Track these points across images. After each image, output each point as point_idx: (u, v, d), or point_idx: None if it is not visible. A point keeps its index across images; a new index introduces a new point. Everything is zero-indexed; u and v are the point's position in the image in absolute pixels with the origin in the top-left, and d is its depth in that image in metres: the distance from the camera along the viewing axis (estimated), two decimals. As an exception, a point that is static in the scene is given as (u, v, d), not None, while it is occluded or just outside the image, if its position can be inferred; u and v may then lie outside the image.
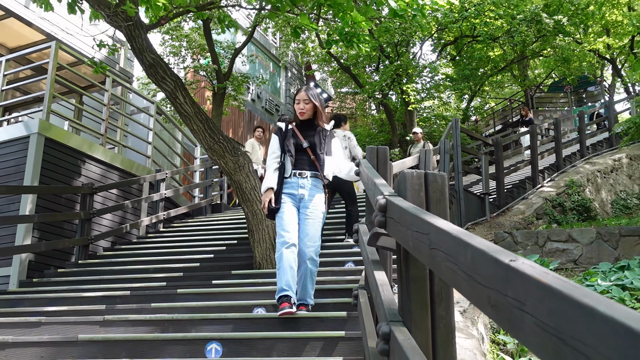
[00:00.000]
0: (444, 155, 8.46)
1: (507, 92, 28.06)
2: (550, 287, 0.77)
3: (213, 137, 6.38)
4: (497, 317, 0.94)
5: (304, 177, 4.38)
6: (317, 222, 4.32)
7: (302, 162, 4.43)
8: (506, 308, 0.89)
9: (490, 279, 0.96)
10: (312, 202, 4.35)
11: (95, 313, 4.85)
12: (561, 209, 10.37)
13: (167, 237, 8.94)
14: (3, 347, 4.12)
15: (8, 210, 7.60)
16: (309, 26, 5.92)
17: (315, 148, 4.45)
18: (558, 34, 16.63)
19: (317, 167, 4.43)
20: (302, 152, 4.45)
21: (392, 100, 18.11)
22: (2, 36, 11.30)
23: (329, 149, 4.55)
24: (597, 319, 0.66)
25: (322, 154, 4.45)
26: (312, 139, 4.49)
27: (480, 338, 4.55)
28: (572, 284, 0.76)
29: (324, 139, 4.51)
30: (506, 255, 0.93)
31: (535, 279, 0.81)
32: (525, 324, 0.83)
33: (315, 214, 4.33)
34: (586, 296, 0.71)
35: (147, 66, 6.46)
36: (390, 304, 1.99)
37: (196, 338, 3.96)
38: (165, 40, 15.48)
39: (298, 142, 4.47)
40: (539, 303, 0.80)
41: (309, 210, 4.33)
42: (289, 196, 4.35)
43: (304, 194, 4.35)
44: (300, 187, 4.36)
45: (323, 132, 4.55)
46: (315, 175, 4.43)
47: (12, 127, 8.32)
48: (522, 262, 0.89)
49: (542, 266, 0.85)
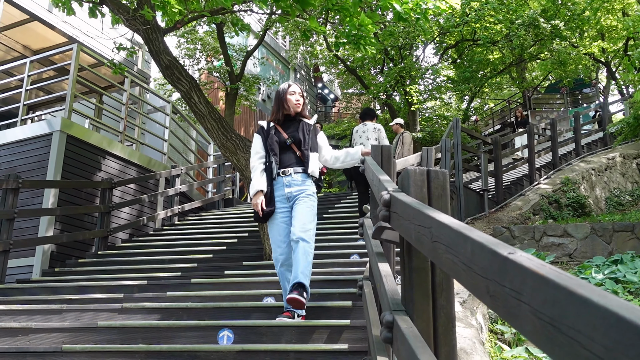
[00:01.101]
0: (445, 154, 8.45)
1: (505, 94, 27.94)
2: (545, 278, 0.77)
3: (226, 135, 6.39)
4: (495, 306, 0.94)
5: (288, 175, 4.06)
6: (307, 207, 3.96)
7: (288, 160, 4.11)
8: (503, 297, 0.89)
9: (488, 270, 0.96)
10: (301, 192, 4.02)
11: (114, 301, 4.87)
12: (557, 205, 10.33)
13: (182, 230, 8.97)
14: (27, 333, 4.15)
15: (32, 204, 7.64)
16: (318, 29, 5.91)
17: (300, 144, 4.12)
18: (555, 38, 16.53)
19: (303, 162, 4.11)
20: (286, 149, 4.13)
21: (395, 101, 18.08)
22: (27, 39, 11.35)
23: (314, 143, 4.20)
24: (591, 308, 0.66)
25: (306, 150, 4.11)
26: (295, 134, 4.15)
27: (479, 327, 4.55)
28: (567, 275, 0.76)
29: (307, 134, 4.17)
30: (504, 247, 0.93)
31: (531, 270, 0.81)
32: (521, 313, 0.83)
33: (304, 200, 3.99)
34: (581, 286, 0.71)
35: (164, 67, 6.47)
36: (394, 294, 1.99)
37: (209, 325, 3.97)
38: (181, 43, 15.50)
39: (281, 140, 4.14)
40: (534, 293, 0.79)
41: (298, 199, 4.01)
42: (279, 200, 4.04)
43: (291, 192, 4.03)
44: (287, 186, 4.04)
45: (306, 127, 4.21)
46: (302, 171, 4.09)
47: (36, 125, 8.36)
48: (520, 254, 0.89)
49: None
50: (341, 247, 6.34)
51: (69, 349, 3.73)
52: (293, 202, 4.01)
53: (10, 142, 8.21)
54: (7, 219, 6.31)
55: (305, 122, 4.21)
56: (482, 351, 3.95)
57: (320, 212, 8.25)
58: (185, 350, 3.59)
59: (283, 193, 4.03)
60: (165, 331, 3.99)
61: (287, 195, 4.02)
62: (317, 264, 5.36)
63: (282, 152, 4.10)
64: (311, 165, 4.10)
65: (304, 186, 4.04)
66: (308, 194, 4.02)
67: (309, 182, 4.08)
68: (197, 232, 8.59)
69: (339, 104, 27.10)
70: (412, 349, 1.42)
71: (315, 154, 4.16)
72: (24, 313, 4.68)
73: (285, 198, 4.03)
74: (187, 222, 9.67)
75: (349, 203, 9.20)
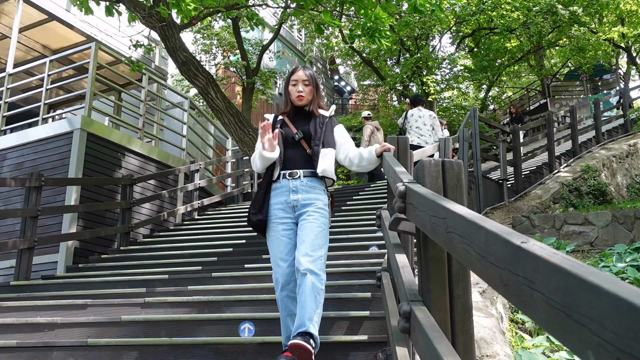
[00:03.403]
0: (462, 144, 8.39)
1: (524, 82, 27.67)
2: (557, 266, 0.77)
3: (243, 129, 6.43)
4: (509, 295, 0.95)
5: (295, 178, 3.27)
6: (316, 227, 3.14)
7: (294, 160, 3.34)
8: (517, 286, 0.90)
9: (502, 259, 0.96)
10: (310, 206, 3.22)
11: (137, 295, 4.93)
12: (577, 193, 10.22)
13: (202, 224, 9.03)
14: (53, 328, 4.23)
15: (55, 201, 7.75)
16: (332, 23, 5.91)
17: (310, 139, 3.36)
18: (573, 24, 16.32)
19: (313, 162, 3.33)
20: (294, 146, 3.37)
21: (412, 92, 17.99)
22: (46, 38, 11.48)
23: (328, 138, 3.41)
24: (602, 296, 0.66)
25: (316, 147, 3.33)
26: (305, 128, 3.39)
27: (499, 317, 4.53)
28: (578, 263, 0.76)
29: (321, 128, 3.39)
30: (517, 237, 0.94)
31: (544, 258, 0.82)
32: (534, 301, 0.84)
33: (314, 217, 3.17)
34: (592, 274, 0.71)
35: (180, 64, 6.52)
36: (411, 284, 2.00)
37: (230, 318, 4.01)
38: (197, 39, 15.59)
39: (289, 134, 3.39)
40: (547, 281, 0.80)
41: (306, 214, 3.19)
42: (279, 208, 3.25)
43: (297, 199, 3.23)
44: (293, 192, 3.24)
45: (320, 119, 3.44)
46: (312, 174, 3.30)
47: (57, 124, 8.46)
48: (533, 243, 0.89)
49: (553, 248, 0.85)
50: (360, 239, 6.34)
51: (94, 342, 3.80)
52: (299, 213, 3.22)
53: (32, 141, 8.33)
54: (31, 217, 6.42)
55: (321, 115, 3.46)
56: (502, 340, 3.94)
57: (339, 204, 8.31)
58: (207, 343, 3.63)
59: (287, 200, 3.25)
60: (187, 324, 4.04)
61: (293, 203, 3.24)
62: (336, 256, 5.38)
63: (288, 149, 3.37)
64: (321, 163, 3.29)
65: (313, 194, 3.26)
66: (319, 208, 3.23)
67: (320, 190, 3.31)
68: (217, 226, 8.65)
69: (356, 95, 27.04)
70: (429, 338, 1.43)
71: (329, 150, 3.37)
72: (50, 308, 4.76)
73: (289, 206, 3.25)
74: (206, 217, 9.73)
75: (368, 195, 9.19)
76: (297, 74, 3.44)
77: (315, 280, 2.97)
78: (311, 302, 2.93)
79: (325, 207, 3.28)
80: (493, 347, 3.78)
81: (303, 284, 2.96)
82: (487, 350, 3.74)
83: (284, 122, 3.45)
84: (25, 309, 4.83)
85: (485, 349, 3.74)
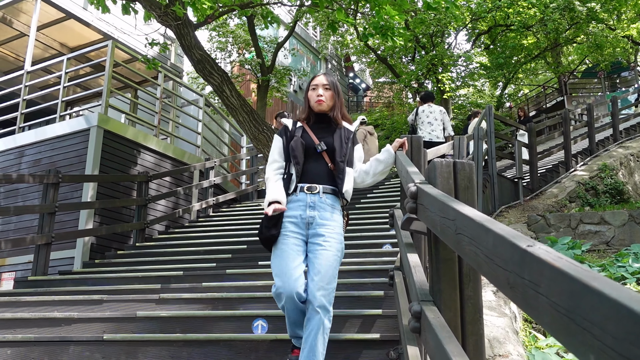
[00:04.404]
0: (477, 142, 8.35)
1: (541, 79, 27.45)
2: (562, 271, 0.79)
3: (258, 127, 6.46)
4: (515, 297, 0.96)
5: (315, 193, 3.04)
6: (332, 255, 2.93)
7: (314, 173, 3.09)
8: (523, 289, 0.91)
9: (508, 262, 0.98)
10: (326, 227, 2.99)
11: (152, 292, 4.98)
12: (594, 192, 10.13)
13: (217, 221, 9.08)
14: (69, 322, 4.30)
15: (72, 198, 7.84)
16: (345, 21, 5.92)
17: (334, 153, 3.11)
18: (591, 21, 16.16)
19: (335, 179, 3.09)
20: (314, 158, 3.12)
21: (428, 89, 17.94)
22: (64, 36, 11.61)
23: (351, 157, 3.21)
24: (604, 300, 0.68)
25: (342, 163, 3.10)
26: (329, 140, 3.14)
27: (512, 317, 4.52)
28: (583, 268, 0.78)
29: (346, 143, 3.15)
30: (524, 240, 0.95)
31: (548, 263, 0.83)
32: (539, 304, 0.85)
33: (331, 243, 2.95)
34: (595, 279, 0.72)
35: (196, 62, 6.57)
36: (422, 284, 2.02)
37: (244, 315, 4.05)
38: (213, 37, 15.67)
39: (310, 144, 3.13)
40: (551, 285, 0.81)
41: (322, 238, 2.96)
42: (292, 221, 3.01)
43: (314, 216, 3.00)
44: (310, 207, 3.01)
45: (345, 132, 3.20)
46: (332, 192, 3.08)
47: (74, 121, 8.56)
48: (538, 247, 0.90)
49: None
50: (373, 237, 6.34)
51: (110, 338, 3.86)
52: (313, 232, 3.00)
53: (50, 138, 8.44)
54: (49, 213, 6.51)
55: (345, 128, 3.23)
56: (515, 340, 3.93)
57: (352, 202, 8.32)
58: (221, 340, 3.67)
59: (302, 215, 3.01)
60: (201, 321, 4.08)
61: (309, 219, 3.00)
62: (350, 254, 5.39)
63: (308, 160, 3.11)
64: (346, 183, 3.11)
65: (332, 213, 3.05)
66: (336, 234, 3.02)
67: (338, 209, 3.10)
68: (232, 223, 8.70)
69: (370, 93, 27.00)
70: (438, 338, 1.45)
71: (350, 170, 3.19)
72: (67, 303, 4.84)
73: (304, 222, 3.01)
74: (221, 214, 9.79)
75: (382, 192, 9.19)
76: (318, 79, 3.26)
77: (326, 319, 2.84)
78: (320, 344, 2.81)
79: (341, 231, 3.08)
80: (506, 346, 3.77)
81: (313, 322, 2.81)
82: (500, 350, 3.74)
83: (304, 130, 3.20)
84: (42, 304, 4.91)
85: (498, 349, 3.74)
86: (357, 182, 3.27)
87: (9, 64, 12.31)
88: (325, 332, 2.84)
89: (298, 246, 2.95)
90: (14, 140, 8.80)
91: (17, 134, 8.93)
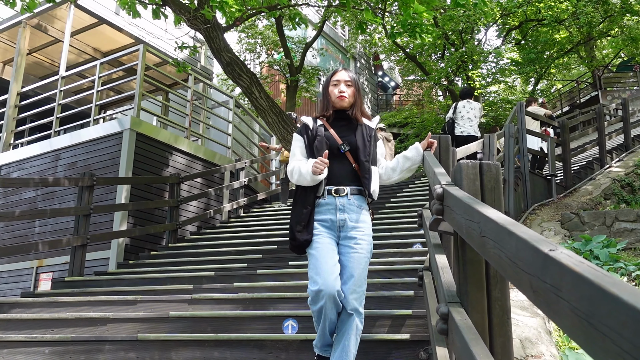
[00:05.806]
0: (508, 139, 8.25)
1: (574, 74, 26.93)
2: (582, 276, 0.79)
3: (286, 128, 6.50)
4: (537, 301, 0.97)
5: (343, 196, 2.99)
6: (364, 258, 2.94)
7: (340, 174, 3.03)
8: (545, 293, 0.92)
9: (531, 265, 0.99)
10: (357, 230, 2.97)
11: (184, 292, 5.06)
12: (630, 189, 9.91)
13: (247, 222, 9.16)
14: (104, 322, 4.40)
15: (106, 199, 8.01)
16: (373, 21, 5.91)
17: (358, 152, 3.05)
18: (625, 13, 15.79)
19: (361, 179, 3.04)
20: (339, 158, 3.04)
21: (458, 86, 17.75)
22: (97, 41, 11.85)
23: (375, 155, 3.14)
24: (621, 306, 0.69)
25: (367, 162, 3.04)
26: (351, 138, 3.07)
27: (545, 317, 4.47)
28: (603, 273, 0.78)
29: (368, 141, 3.09)
30: (546, 244, 0.96)
31: (569, 267, 0.84)
32: (560, 308, 0.86)
33: (362, 246, 2.95)
34: (614, 285, 0.73)
35: (225, 64, 6.64)
36: (450, 286, 2.02)
37: (274, 315, 4.09)
38: (242, 38, 15.80)
39: (333, 145, 3.05)
40: (572, 289, 0.82)
41: (353, 241, 2.95)
42: (324, 224, 2.97)
43: (344, 219, 2.96)
44: (339, 210, 2.97)
45: (367, 130, 3.13)
46: (358, 192, 3.04)
47: (107, 124, 8.72)
48: (561, 251, 0.91)
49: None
50: (403, 237, 6.33)
51: (144, 337, 3.94)
52: (344, 235, 2.98)
53: (84, 141, 8.62)
54: (84, 215, 6.66)
55: (366, 125, 3.16)
56: (548, 341, 3.89)
57: (381, 201, 8.31)
58: (252, 340, 3.72)
59: (333, 218, 2.98)
60: (232, 321, 4.14)
61: (339, 223, 2.98)
62: (380, 254, 5.39)
63: (332, 161, 3.00)
64: (373, 183, 3.06)
65: (361, 215, 3.02)
66: (367, 235, 3.01)
67: (366, 209, 3.08)
68: (262, 223, 8.76)
69: (400, 91, 26.85)
70: (465, 340, 1.45)
71: (375, 169, 3.13)
72: (102, 304, 4.95)
73: (335, 226, 2.99)
74: (252, 214, 9.87)
75: (412, 192, 9.16)
76: (339, 74, 3.17)
77: (359, 322, 2.88)
78: (352, 345, 2.86)
79: (371, 232, 3.05)
80: (538, 347, 3.74)
81: (347, 324, 2.85)
82: (532, 351, 3.70)
83: (325, 129, 3.12)
84: (79, 304, 5.03)
85: (530, 349, 3.71)
86: (382, 179, 3.23)
87: (45, 70, 12.62)
88: (358, 333, 2.88)
89: (333, 246, 2.94)
90: (50, 144, 9.03)
91: (53, 138, 9.16)
